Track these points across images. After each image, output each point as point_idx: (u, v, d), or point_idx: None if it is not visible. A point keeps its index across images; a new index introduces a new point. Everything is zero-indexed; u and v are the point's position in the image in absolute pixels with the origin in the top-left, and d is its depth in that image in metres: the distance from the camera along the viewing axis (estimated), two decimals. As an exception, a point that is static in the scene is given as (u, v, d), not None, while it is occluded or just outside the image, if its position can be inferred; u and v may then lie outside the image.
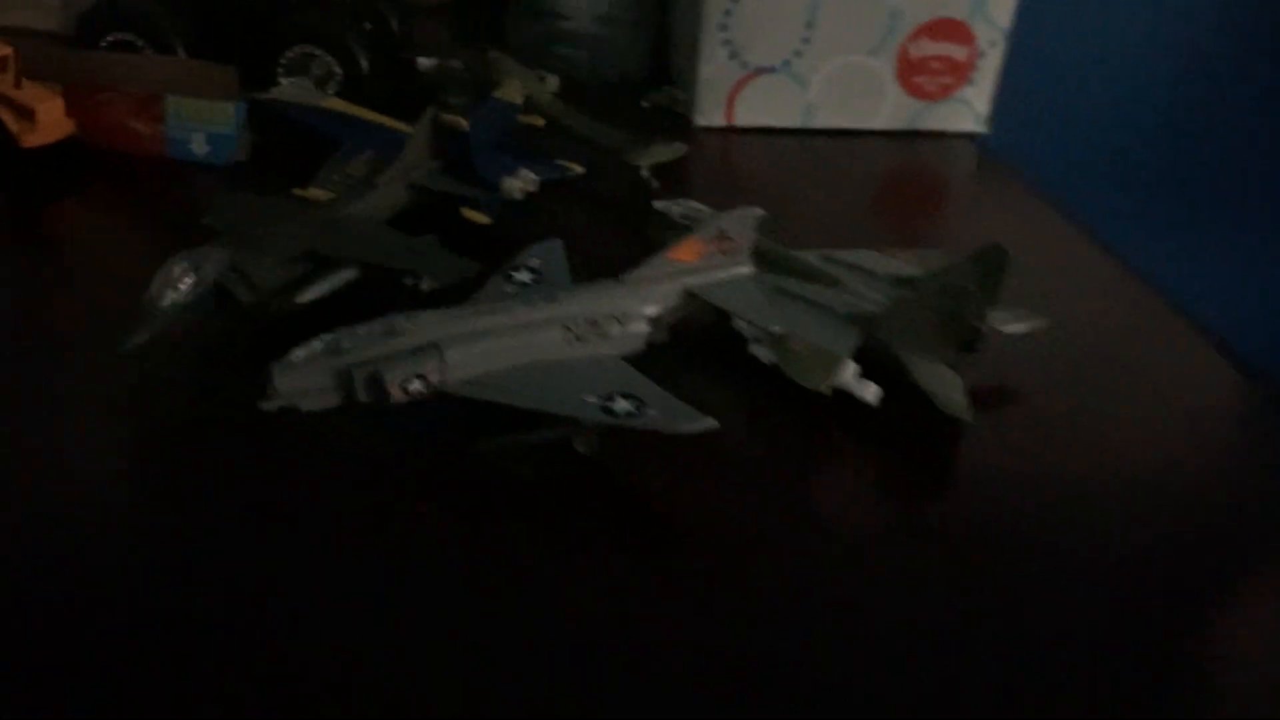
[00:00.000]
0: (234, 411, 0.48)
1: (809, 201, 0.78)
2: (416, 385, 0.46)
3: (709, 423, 0.45)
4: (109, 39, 0.76)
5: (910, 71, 0.85)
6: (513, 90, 0.73)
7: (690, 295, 0.52)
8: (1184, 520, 0.48)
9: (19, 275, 0.63)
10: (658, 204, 0.62)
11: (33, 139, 0.69)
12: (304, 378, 0.45)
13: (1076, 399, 0.56)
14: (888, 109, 0.86)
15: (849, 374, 0.50)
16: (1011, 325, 0.56)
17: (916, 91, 0.86)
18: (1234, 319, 0.72)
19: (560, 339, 0.49)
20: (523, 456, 0.47)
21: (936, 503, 0.49)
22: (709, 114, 0.85)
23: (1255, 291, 1.23)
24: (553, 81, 0.80)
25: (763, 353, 0.53)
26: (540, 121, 0.76)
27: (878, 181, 0.84)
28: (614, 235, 0.67)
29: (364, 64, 0.78)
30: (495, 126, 0.68)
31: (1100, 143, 1.12)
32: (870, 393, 0.50)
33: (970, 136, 0.89)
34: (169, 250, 0.51)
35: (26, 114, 0.69)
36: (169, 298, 0.50)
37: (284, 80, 0.77)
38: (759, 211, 0.53)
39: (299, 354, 0.45)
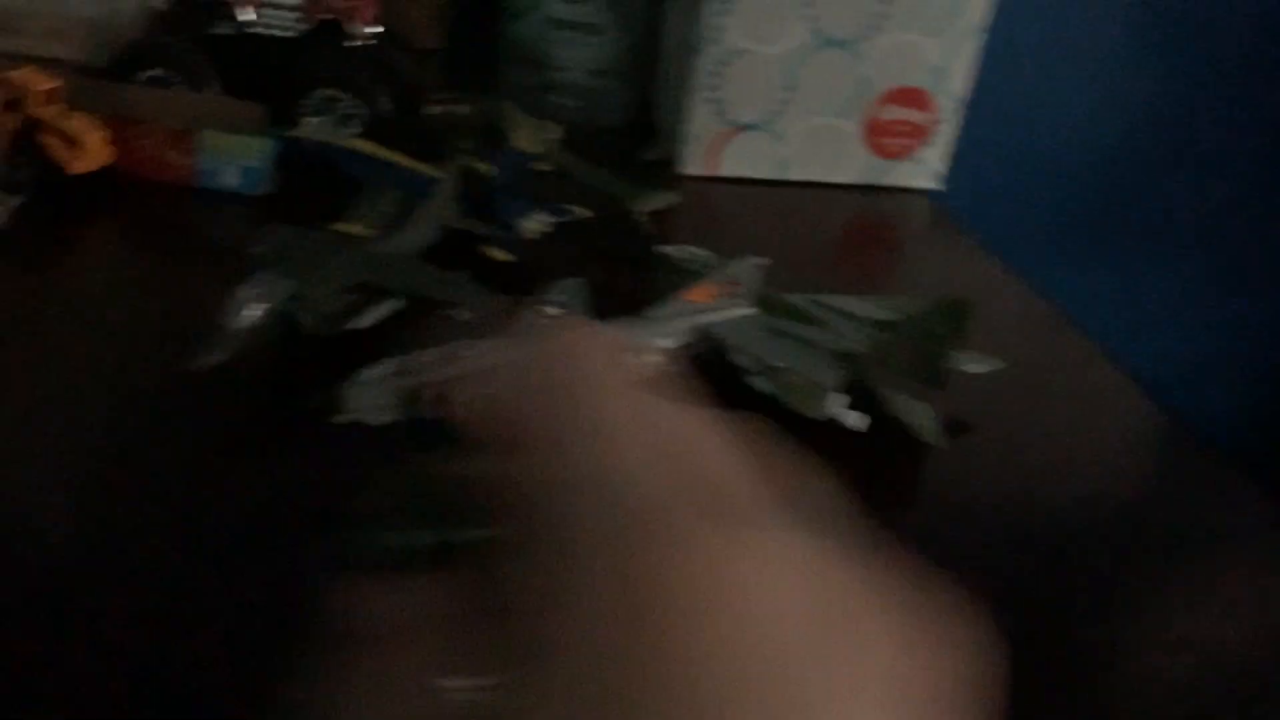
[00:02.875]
0: (301, 425, 0.55)
1: (783, 246, 0.85)
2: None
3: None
4: (145, 74, 0.82)
5: (876, 133, 0.94)
6: (527, 138, 0.80)
7: (701, 332, 0.60)
8: (1117, 530, 0.57)
9: (67, 291, 0.68)
10: (661, 249, 0.69)
11: (78, 166, 0.74)
12: (373, 395, 0.52)
13: (1023, 428, 0.64)
14: (854, 165, 0.95)
15: (840, 403, 0.58)
16: (974, 366, 0.64)
17: (880, 151, 0.95)
18: (1162, 358, 0.81)
19: (592, 366, 0.56)
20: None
21: (912, 512, 0.57)
22: (694, 164, 0.93)
23: (1183, 334, 1.35)
24: (555, 130, 0.87)
25: (760, 383, 0.60)
26: (547, 167, 0.83)
27: (843, 230, 0.93)
28: (616, 274, 0.74)
29: (386, 107, 0.84)
30: (513, 173, 0.75)
31: (1043, 199, 1.23)
32: (857, 420, 0.58)
33: (926, 193, 0.98)
34: (209, 272, 0.57)
35: (74, 143, 0.74)
36: (240, 321, 0.56)
37: (309, 119, 0.83)
38: (764, 262, 0.61)
39: (369, 373, 0.52)
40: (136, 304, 0.67)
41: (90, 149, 0.75)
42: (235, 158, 0.79)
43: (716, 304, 0.60)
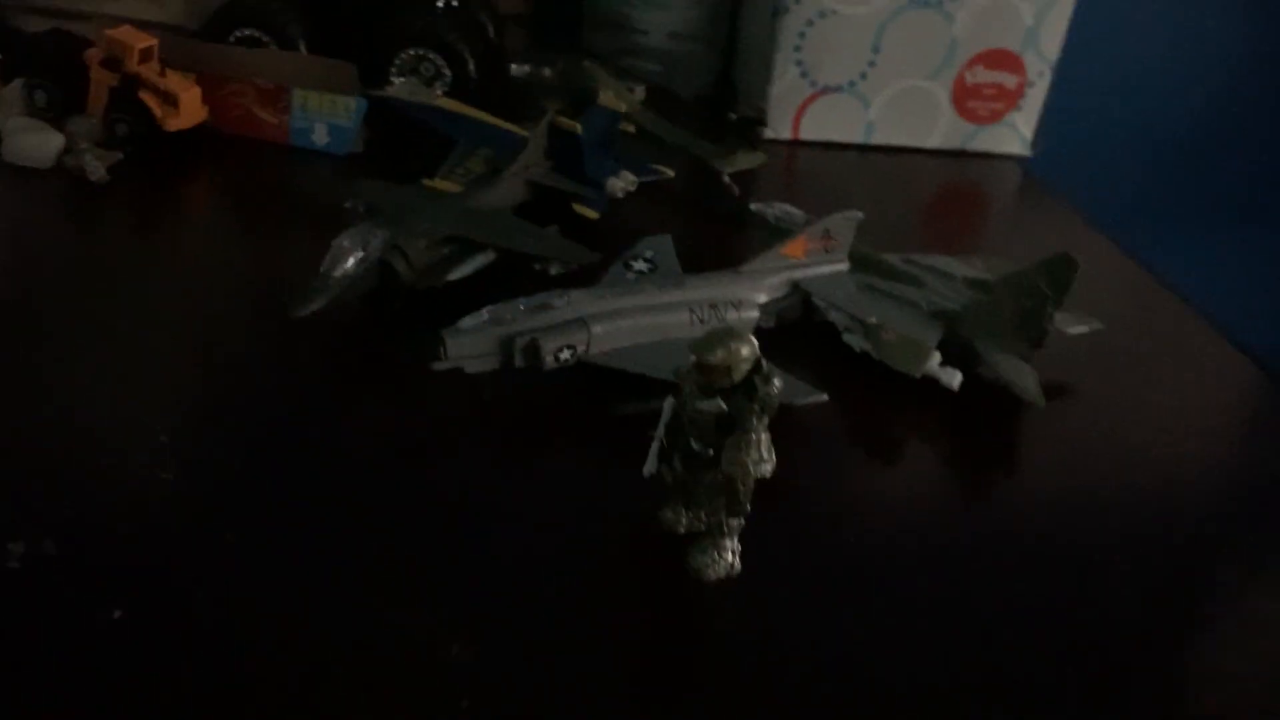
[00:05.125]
0: (396, 371, 0.55)
1: (869, 211, 0.84)
2: (566, 354, 0.53)
3: (820, 395, 0.52)
4: (237, 34, 0.82)
5: (965, 96, 0.92)
6: (613, 98, 0.79)
7: (795, 286, 0.59)
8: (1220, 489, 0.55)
9: (166, 244, 0.69)
10: (754, 205, 0.69)
11: (175, 123, 0.75)
12: (471, 344, 0.52)
13: (1119, 392, 0.63)
14: (942, 130, 0.94)
15: (935, 361, 0.57)
16: (1073, 327, 0.63)
17: (969, 115, 0.93)
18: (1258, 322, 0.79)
19: (686, 320, 0.55)
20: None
21: (1009, 474, 0.56)
22: (777, 127, 0.92)
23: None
24: (640, 91, 0.86)
25: (855, 341, 0.59)
26: (631, 128, 0.82)
27: (930, 196, 0.91)
28: (703, 231, 0.74)
29: (472, 67, 0.84)
30: (602, 131, 0.75)
31: (1134, 167, 1.19)
32: (954, 379, 0.57)
33: (1015, 159, 0.96)
34: (298, 226, 0.57)
35: (170, 100, 0.75)
36: (340, 270, 0.56)
37: (396, 79, 0.84)
38: (859, 215, 0.60)
39: (467, 322, 0.52)
40: (233, 256, 0.68)
41: (186, 106, 0.76)
42: (326, 116, 0.79)
43: (810, 259, 0.59)
